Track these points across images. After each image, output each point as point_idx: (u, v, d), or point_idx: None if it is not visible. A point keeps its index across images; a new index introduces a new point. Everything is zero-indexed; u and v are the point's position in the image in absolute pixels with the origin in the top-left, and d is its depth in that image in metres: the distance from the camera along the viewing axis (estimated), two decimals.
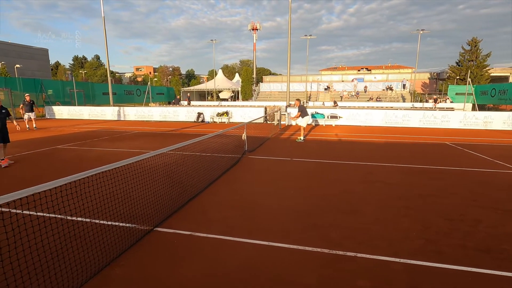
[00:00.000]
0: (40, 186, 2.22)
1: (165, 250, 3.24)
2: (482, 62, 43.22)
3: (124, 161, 3.32)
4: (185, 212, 4.26)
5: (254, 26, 66.66)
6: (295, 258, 3.07)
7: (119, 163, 3.21)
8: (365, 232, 3.64)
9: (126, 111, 20.28)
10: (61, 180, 2.43)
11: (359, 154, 8.39)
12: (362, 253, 3.15)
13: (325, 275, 2.79)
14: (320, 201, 4.70)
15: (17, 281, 2.31)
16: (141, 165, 6.99)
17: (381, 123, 16.35)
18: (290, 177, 6.11)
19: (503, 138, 11.80)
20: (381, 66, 70.89)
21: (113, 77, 74.48)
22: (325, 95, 41.77)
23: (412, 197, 4.85)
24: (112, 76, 78.12)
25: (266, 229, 3.73)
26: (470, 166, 7.02)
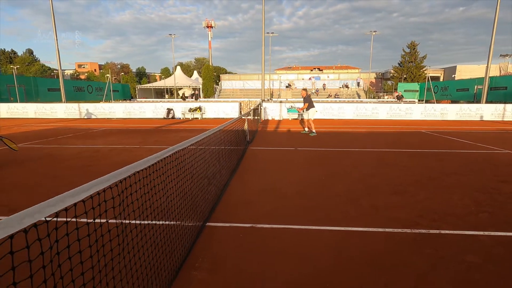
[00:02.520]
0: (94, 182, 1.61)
1: (235, 245, 2.73)
2: (420, 63, 48.23)
3: (166, 151, 2.72)
4: (226, 205, 3.73)
5: (209, 23, 65.37)
6: (381, 241, 2.81)
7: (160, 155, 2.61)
8: (427, 210, 3.54)
9: (83, 108, 18.10)
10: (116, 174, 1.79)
11: (355, 142, 8.52)
12: (445, 230, 3.02)
13: (430, 254, 2.58)
14: (357, 184, 4.53)
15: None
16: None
17: (353, 116, 17.10)
18: (309, 164, 5.87)
19: (462, 126, 13.12)
20: (331, 67, 74.93)
21: (51, 74, 66.53)
22: (287, 92, 42.64)
23: (439, 177, 4.95)
24: (50, 73, 69.78)
25: (325, 215, 3.41)
26: (460, 148, 7.55)
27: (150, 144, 8.17)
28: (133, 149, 7.41)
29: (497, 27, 16.95)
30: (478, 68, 40.12)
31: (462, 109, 16.60)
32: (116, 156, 6.63)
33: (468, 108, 16.58)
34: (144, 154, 6.83)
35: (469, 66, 43.57)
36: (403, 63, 48.28)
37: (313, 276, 2.27)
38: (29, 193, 4.18)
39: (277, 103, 18.04)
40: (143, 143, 8.42)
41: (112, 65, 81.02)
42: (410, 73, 46.54)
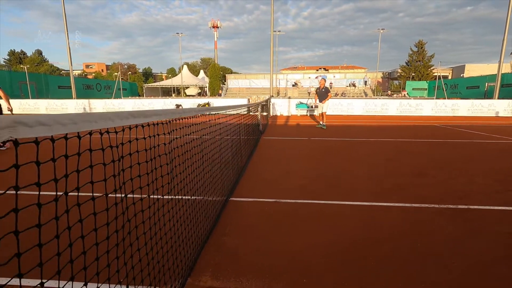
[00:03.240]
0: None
1: (261, 217, 2.72)
2: (427, 62, 47.66)
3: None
4: (246, 184, 3.72)
5: (214, 24, 65.62)
6: (410, 214, 2.77)
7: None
8: (451, 189, 3.49)
9: (93, 104, 18.30)
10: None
11: (369, 133, 8.44)
12: (474, 205, 2.97)
13: (463, 224, 2.53)
14: (378, 168, 4.49)
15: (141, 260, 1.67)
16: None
17: (362, 112, 16.96)
18: (325, 152, 5.83)
19: (476, 121, 12.91)
20: (337, 66, 74.55)
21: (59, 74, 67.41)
22: (293, 91, 42.51)
23: (459, 161, 4.88)
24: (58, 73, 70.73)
25: (348, 192, 3.39)
26: (477, 139, 7.43)
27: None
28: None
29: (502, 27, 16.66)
30: (487, 67, 39.47)
31: (474, 105, 16.35)
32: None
33: (480, 104, 16.32)
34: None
35: (478, 65, 42.90)
36: (411, 62, 47.80)
37: (343, 242, 2.25)
38: None
39: (286, 98, 18.00)
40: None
41: (119, 65, 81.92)
42: (417, 72, 46.03)
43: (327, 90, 9.30)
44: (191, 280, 1.79)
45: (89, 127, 0.79)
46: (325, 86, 9.31)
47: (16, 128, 0.56)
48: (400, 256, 2.04)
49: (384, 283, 1.76)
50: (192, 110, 1.82)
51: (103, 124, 0.86)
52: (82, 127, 0.76)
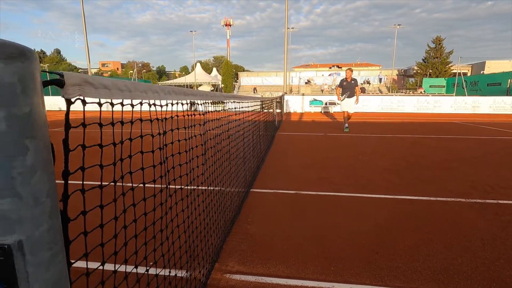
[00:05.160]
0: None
1: (282, 206, 2.72)
2: (446, 59, 46.16)
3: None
4: (266, 175, 3.72)
5: (227, 22, 65.70)
6: (436, 206, 2.70)
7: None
8: (478, 183, 3.37)
9: None
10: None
11: (386, 129, 8.28)
12: (503, 200, 2.87)
13: (493, 219, 2.45)
14: (398, 161, 4.39)
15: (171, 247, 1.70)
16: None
17: (378, 109, 16.63)
18: (343, 146, 5.76)
19: (499, 118, 12.43)
20: (351, 64, 73.29)
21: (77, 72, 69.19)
22: (306, 88, 42.15)
23: (483, 155, 4.72)
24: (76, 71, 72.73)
25: (370, 184, 3.33)
26: (501, 135, 7.16)
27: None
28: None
29: None
30: (509, 64, 37.89)
31: (495, 102, 15.75)
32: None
33: (503, 101, 15.70)
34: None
35: (500, 62, 41.20)
36: (428, 59, 46.46)
37: (369, 232, 2.22)
38: None
39: (299, 95, 17.88)
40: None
41: (133, 63, 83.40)
42: (435, 69, 44.71)
43: (356, 82, 7.40)
44: (218, 265, 1.81)
45: (140, 97, 0.81)
46: (353, 77, 7.40)
47: (83, 87, 0.58)
48: (430, 247, 1.99)
49: (414, 273, 1.72)
50: (221, 95, 1.82)
51: (151, 96, 0.88)
52: (135, 96, 0.77)
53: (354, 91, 7.39)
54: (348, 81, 7.41)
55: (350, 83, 7.38)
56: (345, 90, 7.45)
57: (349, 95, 7.41)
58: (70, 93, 0.54)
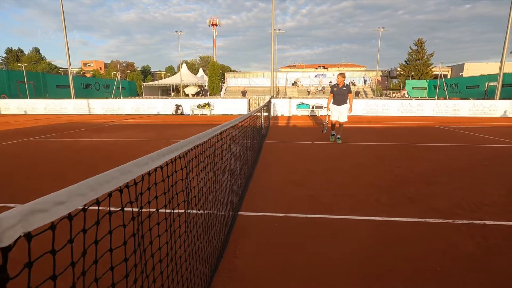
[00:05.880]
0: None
1: (271, 234, 2.63)
2: (427, 61, 47.52)
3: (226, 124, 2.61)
4: (255, 194, 3.63)
5: (213, 21, 65.13)
6: (424, 229, 2.69)
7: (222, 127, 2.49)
8: (464, 200, 3.41)
9: (92, 104, 18.13)
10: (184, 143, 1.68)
11: (373, 136, 8.36)
12: (489, 220, 2.89)
13: (480, 242, 2.45)
14: (386, 175, 4.40)
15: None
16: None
17: (363, 112, 16.86)
18: (330, 157, 5.75)
19: (478, 122, 12.84)
20: (336, 65, 74.31)
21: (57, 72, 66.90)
22: (293, 90, 42.37)
23: (470, 168, 4.80)
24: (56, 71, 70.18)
25: (358, 204, 3.30)
26: (483, 142, 7.35)
27: (166, 138, 8.11)
28: (150, 142, 7.35)
29: (503, 25, 16.57)
30: (486, 66, 39.37)
31: (475, 105, 16.29)
32: (134, 148, 6.58)
33: (481, 105, 16.26)
34: (162, 145, 6.75)
35: (478, 64, 42.80)
36: (410, 60, 47.67)
37: (360, 261, 2.16)
38: (57, 179, 4.13)
39: (286, 99, 17.89)
40: (158, 136, 8.36)
41: (117, 63, 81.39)
42: (417, 70, 45.93)
43: (349, 89, 6.84)
44: None
45: (110, 187, 0.70)
46: (345, 83, 6.83)
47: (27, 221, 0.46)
48: (420, 277, 1.95)
49: None
50: (205, 134, 1.71)
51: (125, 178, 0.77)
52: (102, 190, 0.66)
53: (346, 98, 6.82)
54: (339, 87, 6.81)
55: (341, 89, 6.78)
56: (336, 97, 6.87)
57: (340, 102, 6.85)
58: (7, 240, 0.42)
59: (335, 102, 6.89)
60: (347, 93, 6.73)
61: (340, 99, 6.80)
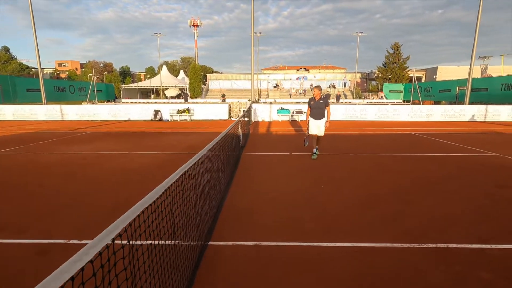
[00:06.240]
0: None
1: (240, 268, 2.57)
2: (403, 64, 49.33)
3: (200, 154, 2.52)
4: (227, 219, 3.56)
5: (194, 22, 64.39)
6: (393, 258, 2.72)
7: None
8: (434, 220, 3.50)
9: (65, 110, 17.36)
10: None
11: (350, 146, 8.51)
12: (452, 243, 2.98)
13: (445, 271, 2.51)
14: (362, 192, 4.46)
15: None
16: (127, 167, 5.90)
17: (342, 117, 17.21)
18: (306, 170, 5.77)
19: (449, 127, 13.41)
20: (317, 66, 75.65)
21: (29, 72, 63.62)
22: (275, 92, 42.65)
23: (441, 182, 4.96)
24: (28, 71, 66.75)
25: (336, 227, 3.31)
26: (452, 151, 7.66)
27: (140, 149, 7.85)
28: (123, 155, 7.08)
29: (474, 29, 17.48)
30: (458, 69, 41.44)
31: (446, 110, 17.03)
32: (106, 163, 6.31)
33: (452, 109, 17.03)
34: (136, 160, 6.55)
35: (450, 67, 44.98)
36: (387, 63, 49.29)
37: None
38: (18, 204, 3.86)
39: (267, 104, 17.93)
40: (134, 148, 8.09)
41: (94, 63, 78.55)
42: (394, 73, 47.54)
43: (326, 102, 6.69)
44: None
45: None
46: (322, 96, 6.70)
47: None
48: None
49: None
50: (170, 179, 1.62)
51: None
52: None
53: (324, 112, 6.67)
54: (316, 101, 6.64)
55: (318, 103, 6.61)
56: (314, 111, 6.71)
57: (318, 116, 6.67)
58: None
59: (312, 116, 6.75)
60: (324, 106, 6.64)
61: (318, 112, 6.68)
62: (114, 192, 4.52)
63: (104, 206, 3.94)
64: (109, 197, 4.27)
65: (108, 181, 5.06)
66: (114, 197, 4.28)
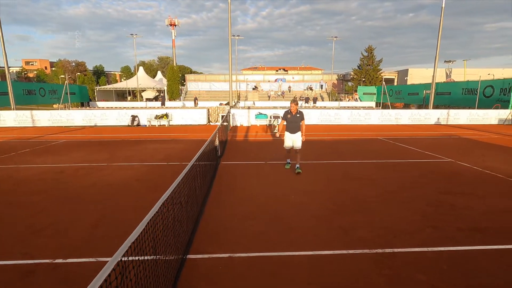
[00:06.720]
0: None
1: (218, 280, 2.94)
2: (376, 67, 51.54)
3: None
4: (204, 233, 3.90)
5: (172, 21, 63.48)
6: (348, 264, 3.19)
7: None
8: (385, 228, 4.03)
9: (37, 116, 16.79)
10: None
11: (322, 154, 9.08)
12: (398, 248, 3.50)
13: (388, 275, 3.00)
14: (329, 203, 4.94)
15: None
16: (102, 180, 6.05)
17: (318, 122, 17.95)
18: (279, 181, 6.20)
19: (414, 131, 14.46)
20: (296, 67, 77.18)
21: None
22: (254, 94, 43.11)
23: (396, 190, 5.57)
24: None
25: (299, 238, 3.75)
26: (412, 158, 8.42)
27: (119, 161, 7.96)
28: (102, 168, 7.18)
29: (443, 33, 18.87)
30: (427, 72, 43.86)
31: (413, 114, 18.26)
32: (84, 177, 6.41)
33: (418, 113, 18.28)
34: (114, 173, 6.69)
35: (420, 69, 47.53)
36: (362, 66, 51.31)
37: None
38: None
39: (245, 109, 18.31)
40: (111, 159, 8.17)
41: (65, 62, 75.10)
42: (368, 75, 49.57)
43: (302, 116, 6.78)
44: None
45: None
46: (298, 110, 6.77)
47: None
48: None
49: None
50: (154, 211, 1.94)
51: None
52: None
53: (299, 126, 6.78)
54: (293, 114, 6.73)
55: (295, 117, 6.73)
56: (289, 125, 6.79)
57: (293, 130, 6.79)
58: None
59: (288, 130, 6.88)
60: (300, 120, 6.76)
61: (294, 126, 6.79)
62: (95, 209, 4.70)
63: (86, 223, 4.14)
64: (91, 214, 4.45)
65: (88, 198, 5.21)
66: (96, 214, 4.48)
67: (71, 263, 3.20)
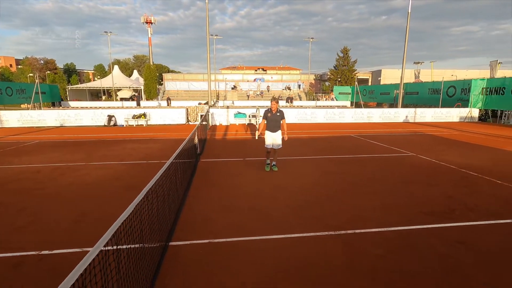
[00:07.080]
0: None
1: (200, 262, 3.23)
2: (352, 67, 53.45)
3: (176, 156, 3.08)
4: (185, 223, 4.16)
5: (148, 19, 62.12)
6: (318, 244, 3.60)
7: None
8: (352, 215, 4.49)
9: (5, 117, 16.06)
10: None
11: (297, 150, 9.54)
12: (361, 229, 3.96)
13: (348, 251, 3.44)
14: (301, 195, 5.35)
15: None
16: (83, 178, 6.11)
17: (295, 120, 18.53)
18: (256, 176, 6.55)
19: (384, 128, 15.38)
20: (274, 67, 78.19)
21: None
22: (233, 94, 43.26)
23: (362, 183, 6.09)
24: None
25: (275, 224, 4.12)
26: (379, 152, 9.10)
27: (96, 160, 7.96)
28: (79, 167, 7.19)
29: (411, 35, 20.10)
30: (399, 72, 45.94)
31: (384, 113, 19.32)
32: (61, 177, 6.42)
33: (388, 112, 19.38)
34: (92, 173, 6.73)
35: (392, 70, 49.89)
36: (338, 66, 53.00)
37: (259, 279, 2.91)
38: None
39: (224, 108, 18.53)
40: (88, 159, 8.15)
41: (33, 60, 71.16)
42: (344, 75, 51.29)
43: (282, 115, 6.85)
44: None
45: None
46: (278, 109, 6.84)
47: None
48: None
49: None
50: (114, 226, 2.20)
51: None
52: None
53: (279, 124, 6.83)
54: (273, 113, 6.77)
55: (275, 115, 6.77)
56: (270, 124, 6.83)
57: (274, 129, 6.83)
58: None
59: (269, 129, 6.89)
60: (280, 119, 6.81)
61: (274, 125, 6.82)
62: (75, 207, 4.80)
63: (67, 219, 4.27)
64: (71, 212, 4.57)
65: (68, 196, 5.29)
66: (76, 211, 4.59)
67: (57, 254, 3.36)
